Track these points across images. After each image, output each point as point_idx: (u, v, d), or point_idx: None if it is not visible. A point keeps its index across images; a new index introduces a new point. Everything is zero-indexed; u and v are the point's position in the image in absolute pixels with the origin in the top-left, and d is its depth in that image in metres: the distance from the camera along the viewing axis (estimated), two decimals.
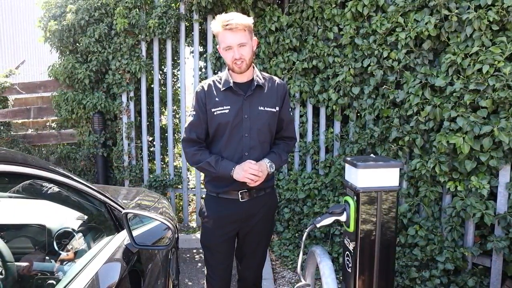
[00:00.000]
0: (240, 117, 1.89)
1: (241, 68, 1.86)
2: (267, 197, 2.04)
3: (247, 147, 1.91)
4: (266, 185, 2.00)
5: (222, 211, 1.99)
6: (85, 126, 4.61)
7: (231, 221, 2.00)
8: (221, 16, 1.84)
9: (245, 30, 1.82)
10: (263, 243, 2.12)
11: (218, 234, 2.01)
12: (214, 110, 1.90)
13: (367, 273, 1.87)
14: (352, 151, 3.36)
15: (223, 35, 1.82)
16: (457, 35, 2.67)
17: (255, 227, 2.03)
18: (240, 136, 1.90)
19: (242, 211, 1.97)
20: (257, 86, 1.92)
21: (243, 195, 1.95)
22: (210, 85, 1.96)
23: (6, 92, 5.01)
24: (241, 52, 1.82)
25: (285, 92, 2.02)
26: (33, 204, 1.56)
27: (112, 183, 4.67)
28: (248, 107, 1.90)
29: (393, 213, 1.86)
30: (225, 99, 1.91)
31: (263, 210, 2.03)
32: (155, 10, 4.16)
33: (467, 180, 2.65)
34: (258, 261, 2.16)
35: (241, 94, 1.90)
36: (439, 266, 2.73)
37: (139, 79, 4.41)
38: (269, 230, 2.14)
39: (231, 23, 1.78)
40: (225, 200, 1.97)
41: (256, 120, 1.91)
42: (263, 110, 1.92)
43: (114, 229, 1.74)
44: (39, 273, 1.33)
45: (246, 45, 1.83)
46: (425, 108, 2.75)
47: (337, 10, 3.35)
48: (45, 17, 4.61)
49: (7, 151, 1.22)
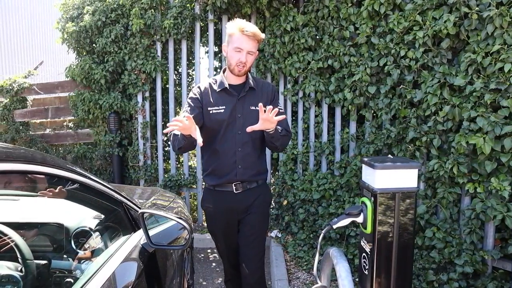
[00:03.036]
0: (234, 116, 2.09)
1: (241, 71, 2.06)
2: (260, 189, 2.21)
3: (240, 143, 2.09)
4: (258, 178, 2.19)
5: (219, 202, 2.17)
6: (101, 126, 4.67)
7: (229, 212, 2.17)
8: (241, 21, 2.03)
9: (257, 42, 2.04)
10: (257, 235, 2.21)
11: (220, 224, 2.21)
12: (210, 109, 2.09)
13: (384, 276, 1.84)
14: (368, 151, 3.32)
15: (239, 38, 2.00)
16: (477, 33, 2.60)
17: (249, 219, 2.18)
18: (233, 133, 2.09)
19: (238, 203, 2.15)
20: (250, 88, 2.13)
21: (237, 187, 2.13)
22: (206, 87, 2.15)
23: (25, 93, 5.11)
24: (247, 59, 2.03)
25: (273, 92, 2.22)
26: (51, 203, 1.58)
27: (127, 183, 4.72)
28: (241, 107, 2.10)
29: (411, 215, 1.82)
30: (220, 99, 2.10)
31: (257, 202, 2.18)
32: (170, 10, 4.18)
33: (487, 181, 2.59)
34: (255, 252, 2.21)
35: (234, 95, 2.10)
36: (458, 269, 2.67)
37: (154, 79, 4.44)
38: (263, 222, 2.25)
39: (250, 30, 1.99)
40: (221, 192, 2.16)
41: (248, 119, 2.06)
42: (254, 109, 2.05)
43: (130, 228, 1.75)
44: (57, 271, 1.35)
45: (253, 54, 2.05)
46: (443, 108, 2.69)
47: (353, 9, 3.31)
48: (63, 19, 4.68)
49: (27, 150, 1.23)
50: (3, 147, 1.15)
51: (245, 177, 2.13)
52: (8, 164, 1.04)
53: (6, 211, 1.36)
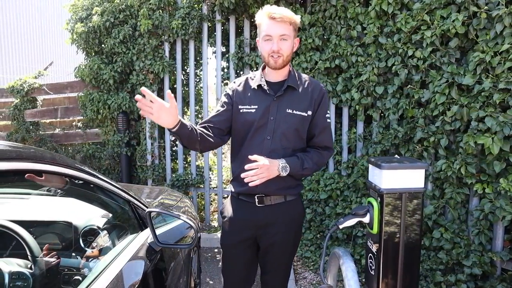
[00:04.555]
0: (266, 118, 1.77)
1: (277, 63, 1.73)
2: (288, 206, 1.85)
3: (267, 150, 1.75)
4: (286, 192, 1.83)
5: (239, 213, 1.88)
6: (110, 126, 4.71)
7: (247, 226, 1.86)
8: (268, 6, 1.74)
9: (290, 24, 1.71)
10: (284, 258, 1.92)
11: (234, 237, 1.89)
12: (241, 108, 1.81)
13: (391, 276, 1.84)
14: (375, 151, 3.31)
15: (266, 24, 1.71)
16: (486, 32, 2.58)
17: (276, 239, 1.85)
18: (262, 138, 1.78)
19: (259, 217, 1.83)
20: (288, 86, 1.79)
21: (260, 200, 1.81)
22: (242, 82, 1.88)
23: (35, 93, 5.18)
24: (280, 46, 1.70)
25: (322, 95, 1.84)
26: (60, 202, 1.60)
27: (135, 182, 4.75)
28: (275, 109, 1.77)
29: (418, 215, 1.82)
30: (254, 97, 1.81)
31: (283, 221, 1.84)
32: (178, 11, 4.21)
33: (495, 182, 2.56)
34: (281, 278, 1.96)
35: (271, 94, 1.79)
36: (466, 270, 2.65)
37: (162, 80, 4.47)
38: (292, 244, 1.91)
39: (278, 12, 1.68)
40: (244, 202, 1.86)
41: (281, 123, 1.77)
42: (291, 113, 1.77)
43: (137, 227, 1.77)
44: (65, 269, 1.37)
45: (287, 39, 1.71)
46: (451, 108, 2.68)
47: (360, 8, 3.30)
48: (72, 20, 4.74)
49: (36, 149, 1.25)
50: (13, 147, 1.17)
51: (269, 190, 1.79)
52: (18, 163, 1.06)
53: (17, 210, 1.39)
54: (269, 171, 1.66)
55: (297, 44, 1.81)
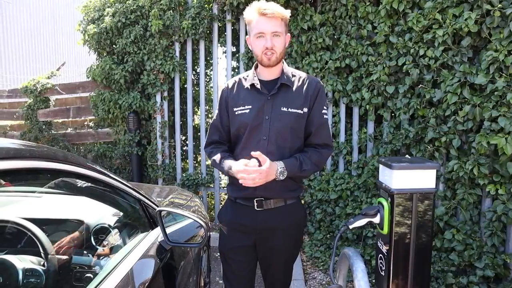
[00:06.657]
0: (261, 118, 1.72)
1: (271, 60, 1.69)
2: (288, 209, 1.79)
3: (264, 151, 1.64)
4: (285, 195, 1.78)
5: (237, 218, 1.81)
6: (121, 125, 4.75)
7: (246, 231, 1.80)
8: (257, 2, 1.68)
9: (281, 20, 1.67)
10: (285, 264, 1.88)
11: (233, 242, 1.83)
12: (236, 110, 1.76)
13: (401, 277, 1.82)
14: (386, 151, 3.28)
15: (258, 20, 1.66)
16: (500, 31, 2.54)
17: (276, 244, 1.80)
18: (258, 139, 1.72)
19: (258, 222, 1.77)
20: (282, 84, 1.74)
21: (259, 204, 1.75)
22: (235, 83, 1.83)
23: (48, 93, 5.26)
24: (274, 42, 1.66)
25: (317, 91, 1.76)
26: (72, 200, 1.62)
27: (146, 181, 4.79)
28: (270, 107, 1.72)
29: (429, 216, 1.80)
30: (248, 97, 1.76)
31: (284, 226, 1.78)
32: (189, 11, 4.23)
33: (509, 183, 2.53)
34: (282, 281, 1.92)
35: (264, 93, 1.73)
36: (478, 272, 2.62)
37: (172, 79, 4.50)
38: (292, 249, 1.86)
39: (268, 8, 1.64)
40: (241, 206, 1.80)
41: (276, 122, 1.71)
42: (286, 111, 1.71)
43: (148, 226, 1.78)
44: (77, 267, 1.38)
45: (280, 35, 1.67)
46: (463, 108, 2.64)
47: (371, 7, 3.28)
48: (84, 21, 4.79)
49: (49, 149, 1.27)
50: (27, 146, 1.19)
51: (268, 193, 1.73)
52: (31, 162, 1.08)
53: (30, 208, 1.41)
54: (267, 176, 1.61)
55: (288, 39, 1.77)
